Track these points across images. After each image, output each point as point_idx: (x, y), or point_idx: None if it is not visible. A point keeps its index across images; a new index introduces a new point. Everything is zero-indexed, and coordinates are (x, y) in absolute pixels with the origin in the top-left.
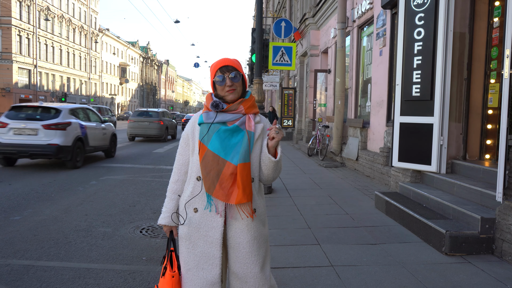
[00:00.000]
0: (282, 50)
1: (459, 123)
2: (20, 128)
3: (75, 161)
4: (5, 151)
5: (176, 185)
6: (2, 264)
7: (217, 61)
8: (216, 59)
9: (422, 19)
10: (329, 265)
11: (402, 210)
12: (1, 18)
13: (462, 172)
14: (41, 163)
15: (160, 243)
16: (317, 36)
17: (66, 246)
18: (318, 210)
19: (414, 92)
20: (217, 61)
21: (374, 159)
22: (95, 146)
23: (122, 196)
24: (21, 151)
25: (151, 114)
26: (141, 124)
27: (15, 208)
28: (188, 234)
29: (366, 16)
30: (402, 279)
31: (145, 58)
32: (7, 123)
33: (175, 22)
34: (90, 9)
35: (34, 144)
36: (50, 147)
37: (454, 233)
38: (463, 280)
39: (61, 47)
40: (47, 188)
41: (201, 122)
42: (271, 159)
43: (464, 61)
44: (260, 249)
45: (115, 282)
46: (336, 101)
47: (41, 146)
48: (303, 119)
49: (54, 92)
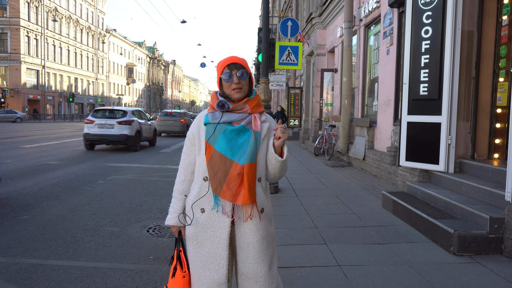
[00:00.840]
0: (288, 50)
1: (467, 122)
2: (102, 124)
3: (135, 146)
4: (93, 139)
5: (183, 185)
6: (11, 263)
7: (225, 59)
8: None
9: (430, 18)
10: (336, 265)
11: (409, 209)
12: (10, 19)
13: (470, 172)
14: (50, 164)
15: (167, 242)
16: (324, 35)
17: (74, 245)
18: (325, 210)
19: (422, 91)
20: (225, 58)
21: (381, 159)
22: (145, 137)
23: (129, 195)
24: (103, 139)
25: (175, 114)
26: (167, 123)
27: (24, 208)
28: (195, 234)
29: (373, 15)
30: (410, 279)
31: (152, 58)
32: (93, 120)
33: (182, 22)
34: (98, 10)
35: (111, 134)
36: (122, 136)
37: (463, 233)
38: (471, 280)
39: (69, 47)
40: (55, 187)
41: (207, 122)
42: (277, 159)
43: (473, 59)
44: (268, 248)
45: (123, 281)
46: (343, 101)
47: (116, 136)
48: (310, 118)
49: (62, 92)
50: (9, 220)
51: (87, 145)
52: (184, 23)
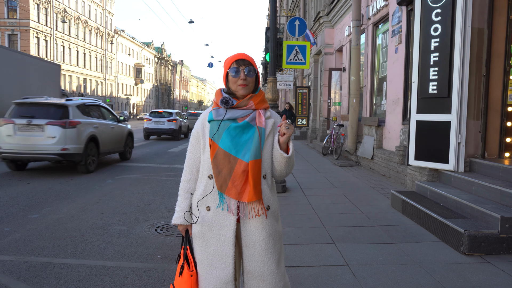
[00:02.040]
0: (296, 49)
1: (477, 121)
2: (157, 121)
3: (178, 138)
4: (151, 132)
5: (189, 183)
6: (21, 261)
7: (233, 54)
8: None
9: (439, 15)
10: (345, 264)
11: (419, 209)
12: (20, 20)
13: (480, 171)
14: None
15: (174, 241)
16: (332, 34)
17: (83, 243)
18: (333, 209)
19: (431, 90)
20: (233, 54)
21: (389, 158)
22: (183, 131)
23: (137, 195)
24: (158, 132)
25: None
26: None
27: (33, 206)
28: (201, 232)
29: (381, 13)
30: (420, 279)
31: (160, 59)
32: (151, 118)
33: (189, 23)
34: (106, 11)
35: (163, 128)
36: (170, 130)
37: (473, 233)
38: (482, 280)
39: (78, 48)
40: (64, 187)
41: (211, 119)
42: (283, 155)
43: (483, 57)
44: (275, 246)
45: (131, 280)
46: (351, 100)
47: (166, 129)
48: (318, 118)
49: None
50: (18, 218)
51: (146, 135)
52: (191, 23)
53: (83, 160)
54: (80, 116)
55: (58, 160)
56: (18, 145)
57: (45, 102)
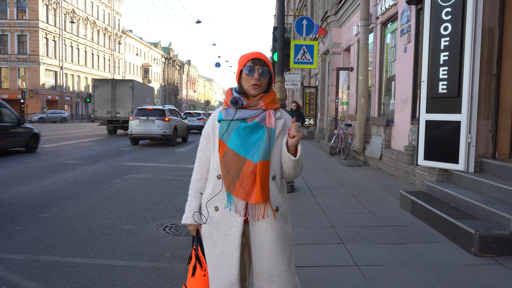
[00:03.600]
0: (303, 49)
1: (488, 121)
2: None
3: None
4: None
5: (199, 183)
6: (31, 260)
7: (250, 52)
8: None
9: (449, 14)
10: (354, 265)
11: (428, 209)
12: (29, 21)
13: (491, 171)
14: (68, 163)
15: (183, 241)
16: (339, 33)
17: (92, 243)
18: (341, 209)
19: (441, 89)
20: (250, 52)
21: (398, 158)
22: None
23: (146, 194)
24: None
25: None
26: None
27: (43, 206)
28: (210, 232)
29: (390, 12)
30: (430, 279)
31: (167, 59)
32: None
33: (197, 22)
34: (114, 11)
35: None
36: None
37: (484, 233)
38: (494, 282)
39: (86, 48)
40: (73, 186)
41: (221, 119)
42: (290, 158)
43: (494, 56)
44: (285, 247)
45: (140, 279)
46: (359, 99)
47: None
48: (325, 117)
49: (79, 93)
50: (29, 218)
51: None
52: (199, 23)
53: (172, 138)
54: (169, 115)
55: (161, 138)
56: (141, 130)
57: (153, 107)
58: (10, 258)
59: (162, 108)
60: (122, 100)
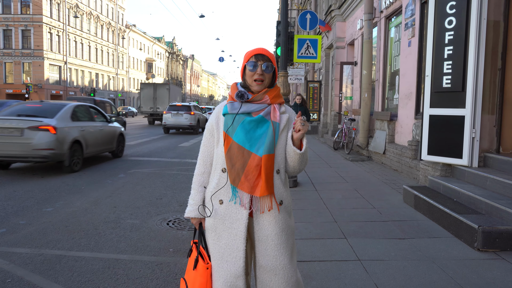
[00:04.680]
0: (307, 43)
1: (492, 115)
2: None
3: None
4: None
5: (203, 177)
6: (36, 254)
7: (254, 49)
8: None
9: (454, 8)
10: (356, 259)
11: (431, 204)
12: (33, 16)
13: (495, 166)
14: None
15: (186, 235)
16: (343, 28)
17: (96, 237)
18: (344, 204)
19: (445, 84)
20: (254, 48)
21: (402, 153)
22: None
23: (149, 189)
24: None
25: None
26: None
27: (48, 200)
28: (214, 226)
29: (394, 6)
30: (432, 274)
31: (171, 53)
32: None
33: (200, 17)
34: (117, 6)
35: None
36: None
37: (487, 228)
38: (497, 277)
39: (90, 43)
40: (77, 181)
41: (226, 113)
42: (296, 151)
43: (498, 50)
44: (288, 240)
45: (143, 273)
46: (363, 94)
47: None
48: (329, 112)
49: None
50: (33, 212)
51: None
52: (202, 18)
53: (196, 128)
54: (194, 110)
55: (188, 128)
56: (173, 122)
57: (181, 104)
58: (15, 252)
59: (189, 104)
60: (161, 99)
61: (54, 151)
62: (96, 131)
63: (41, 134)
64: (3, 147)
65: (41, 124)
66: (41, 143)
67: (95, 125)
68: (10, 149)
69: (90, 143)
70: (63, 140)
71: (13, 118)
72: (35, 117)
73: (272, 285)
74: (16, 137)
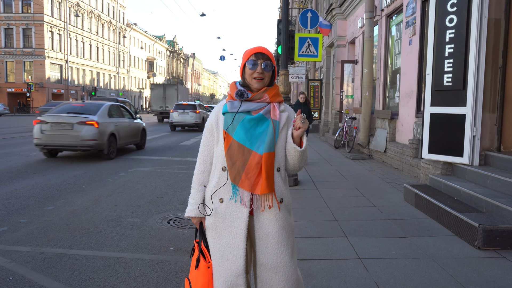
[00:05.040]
0: (308, 41)
1: (493, 114)
2: None
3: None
4: None
5: (203, 176)
6: (37, 252)
7: (253, 47)
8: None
9: (455, 6)
10: (357, 258)
11: (432, 203)
12: (34, 15)
13: (496, 164)
14: (73, 156)
15: (187, 233)
16: (344, 26)
17: (97, 235)
18: (345, 203)
19: (446, 82)
20: (253, 47)
21: (403, 151)
22: None
23: (150, 187)
24: None
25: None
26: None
27: (49, 199)
28: (214, 224)
29: (395, 4)
30: (433, 273)
31: (172, 52)
32: None
33: (201, 16)
34: (118, 4)
35: None
36: None
37: (488, 227)
38: (497, 275)
39: (91, 42)
40: (78, 179)
41: (225, 112)
42: (296, 149)
43: (499, 48)
44: (288, 239)
45: (144, 271)
46: (364, 92)
47: None
48: (330, 111)
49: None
50: (34, 210)
51: None
52: (203, 16)
53: (202, 126)
54: (199, 108)
55: (193, 126)
56: (179, 120)
57: (187, 103)
58: (16, 250)
59: (194, 103)
60: (170, 98)
61: (97, 141)
62: (125, 126)
63: (87, 127)
64: (57, 138)
65: (87, 119)
66: (87, 135)
67: (124, 121)
68: (63, 140)
69: (122, 136)
70: (103, 133)
71: (64, 115)
72: (80, 114)
73: (272, 283)
74: (67, 130)
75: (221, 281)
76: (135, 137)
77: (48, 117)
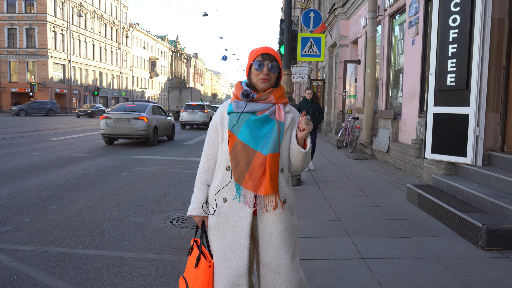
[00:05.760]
0: (310, 41)
1: (496, 114)
2: None
3: None
4: None
5: (206, 175)
6: (41, 251)
7: (260, 47)
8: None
9: (458, 5)
10: (360, 258)
11: (435, 203)
12: (37, 15)
13: (499, 164)
14: (76, 156)
15: (190, 233)
16: (347, 26)
17: (100, 235)
18: (348, 202)
19: (449, 82)
20: (260, 47)
21: (405, 151)
22: None
23: (153, 187)
24: None
25: None
26: None
27: (52, 198)
28: (217, 224)
29: (398, 4)
30: (436, 273)
31: (174, 52)
32: None
33: (204, 15)
34: (121, 4)
35: None
36: None
37: (492, 227)
38: (501, 275)
39: (94, 42)
40: (81, 179)
41: (231, 111)
42: (300, 150)
43: (503, 48)
44: (291, 239)
45: (147, 271)
46: (366, 92)
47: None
48: (332, 111)
49: (87, 86)
50: (38, 210)
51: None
52: (206, 16)
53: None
54: (207, 108)
55: (202, 124)
56: (189, 119)
57: (196, 103)
58: (20, 250)
59: (203, 103)
60: (185, 99)
61: (146, 132)
62: (163, 121)
63: (140, 121)
64: (119, 129)
65: (139, 115)
66: (140, 127)
67: (161, 117)
68: (122, 130)
69: (161, 129)
70: (150, 126)
71: (122, 112)
72: (133, 112)
73: (275, 284)
74: (125, 123)
75: (223, 280)
76: (168, 130)
77: (111, 114)
